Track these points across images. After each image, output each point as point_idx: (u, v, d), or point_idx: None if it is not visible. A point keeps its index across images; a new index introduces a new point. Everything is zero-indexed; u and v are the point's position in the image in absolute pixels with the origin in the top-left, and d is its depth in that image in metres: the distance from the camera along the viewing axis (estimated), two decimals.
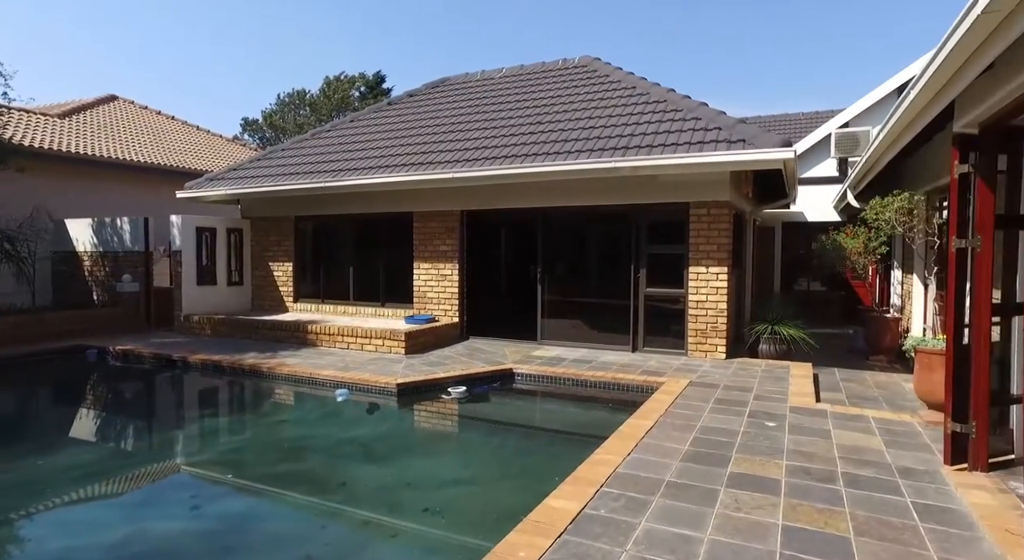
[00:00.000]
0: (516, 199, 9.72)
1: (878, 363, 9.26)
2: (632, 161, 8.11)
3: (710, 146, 7.87)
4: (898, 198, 5.96)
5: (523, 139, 9.66)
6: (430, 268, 10.56)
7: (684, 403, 6.18)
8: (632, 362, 8.39)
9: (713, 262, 8.50)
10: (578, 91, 11.12)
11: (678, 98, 9.57)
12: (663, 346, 9.00)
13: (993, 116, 4.12)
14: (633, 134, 8.77)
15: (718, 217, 8.47)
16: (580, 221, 9.90)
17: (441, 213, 10.41)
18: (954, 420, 4.33)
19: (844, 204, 11.65)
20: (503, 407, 7.47)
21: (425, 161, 9.91)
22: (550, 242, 9.95)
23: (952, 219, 4.33)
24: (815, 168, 14.66)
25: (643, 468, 4.35)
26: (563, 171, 8.53)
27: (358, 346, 9.30)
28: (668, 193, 8.69)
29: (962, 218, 4.30)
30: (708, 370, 7.84)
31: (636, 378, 7.36)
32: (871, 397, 6.91)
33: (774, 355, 8.61)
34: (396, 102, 13.45)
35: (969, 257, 4.30)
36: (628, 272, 9.14)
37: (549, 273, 9.88)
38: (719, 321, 8.51)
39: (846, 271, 12.84)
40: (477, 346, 9.72)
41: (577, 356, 8.86)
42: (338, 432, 6.36)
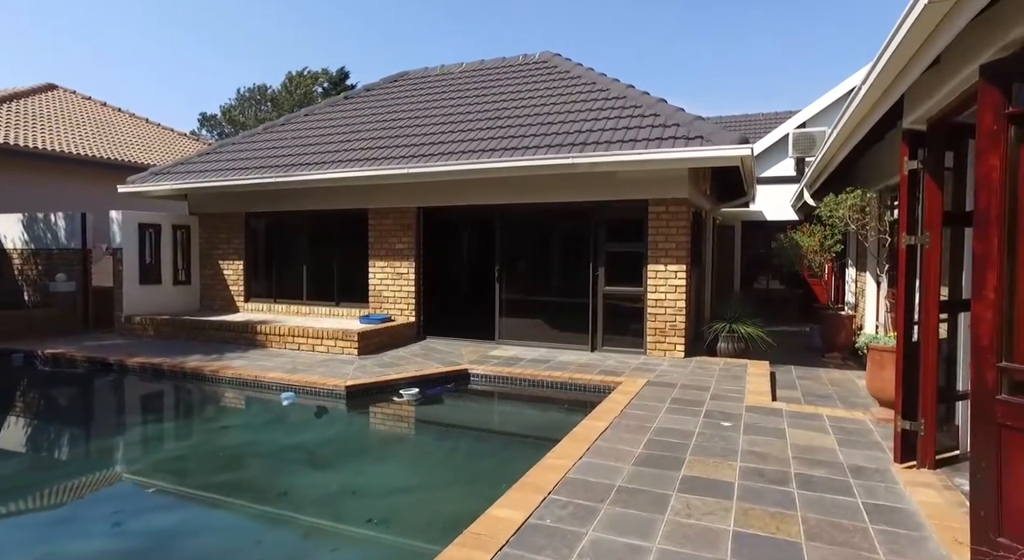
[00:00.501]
0: (474, 196, 9.52)
1: (833, 360, 9.36)
2: (590, 157, 7.99)
3: (668, 143, 7.81)
4: (851, 195, 5.97)
5: (480, 134, 9.47)
6: (386, 266, 10.29)
7: (640, 403, 6.07)
8: (590, 362, 8.28)
9: (672, 260, 8.45)
10: (537, 87, 10.97)
11: (637, 94, 9.50)
12: (622, 345, 8.92)
13: (940, 112, 4.10)
14: (592, 130, 8.66)
15: (677, 215, 8.41)
16: (539, 218, 9.75)
17: (397, 210, 10.15)
18: (904, 418, 4.31)
19: (801, 203, 11.78)
20: (457, 409, 7.27)
21: (380, 156, 9.63)
22: (509, 240, 9.78)
23: (902, 216, 4.29)
24: (774, 168, 14.84)
25: (594, 473, 4.20)
26: (520, 167, 8.36)
27: (309, 347, 8.97)
28: (627, 190, 8.61)
29: (911, 215, 4.27)
30: (666, 369, 7.77)
31: (593, 378, 7.24)
32: (826, 395, 6.93)
33: (732, 353, 8.61)
34: (353, 96, 13.10)
35: (918, 254, 4.27)
36: (587, 270, 9.03)
37: (508, 271, 9.72)
38: (678, 320, 8.46)
39: (803, 269, 13.03)
40: (433, 346, 9.49)
41: (535, 356, 8.71)
42: (283, 438, 6.07)
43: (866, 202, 5.90)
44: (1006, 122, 2.74)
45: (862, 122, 5.36)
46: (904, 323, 4.30)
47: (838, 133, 6.19)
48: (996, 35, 2.89)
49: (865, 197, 5.94)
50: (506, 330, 9.68)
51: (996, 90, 2.76)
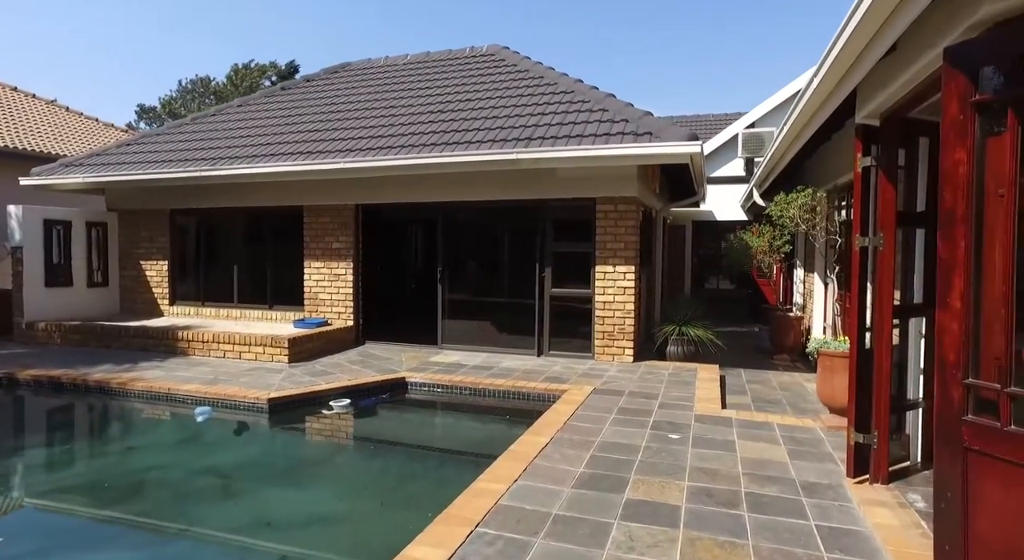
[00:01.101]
0: (415, 192, 9.02)
1: (782, 362, 9.25)
2: (534, 153, 7.61)
3: (616, 138, 7.49)
4: (802, 195, 5.76)
5: (422, 128, 8.97)
6: (322, 267, 9.68)
7: (585, 414, 5.71)
8: (536, 368, 7.90)
9: (620, 261, 8.15)
10: (483, 80, 10.54)
11: (585, 89, 9.18)
12: (569, 349, 8.58)
13: (894, 106, 3.85)
14: (537, 125, 8.28)
15: (625, 214, 8.12)
16: (484, 217, 9.33)
17: (334, 207, 9.56)
18: (857, 430, 4.06)
19: (751, 203, 11.70)
20: (391, 422, 6.77)
21: (315, 150, 9.02)
22: (452, 239, 9.32)
23: (855, 216, 4.04)
24: (724, 168, 14.80)
25: (530, 498, 3.80)
26: (461, 163, 7.92)
27: (236, 355, 8.31)
28: (574, 188, 8.26)
29: (865, 215, 4.02)
30: (614, 375, 7.46)
31: (537, 386, 6.86)
32: (775, 400, 6.73)
33: (682, 357, 8.37)
34: (290, 87, 12.39)
35: (871, 256, 4.03)
36: (533, 272, 8.66)
37: (451, 273, 9.25)
38: (626, 323, 8.17)
39: (752, 270, 13.00)
40: (372, 352, 8.95)
41: (478, 361, 8.28)
42: (193, 460, 5.46)
43: (817, 201, 5.70)
44: (973, 111, 2.46)
45: (813, 117, 5.13)
46: (857, 329, 4.05)
47: (788, 129, 5.97)
48: (962, 14, 2.61)
49: (816, 196, 5.75)
50: (449, 334, 9.22)
51: (962, 76, 2.48)
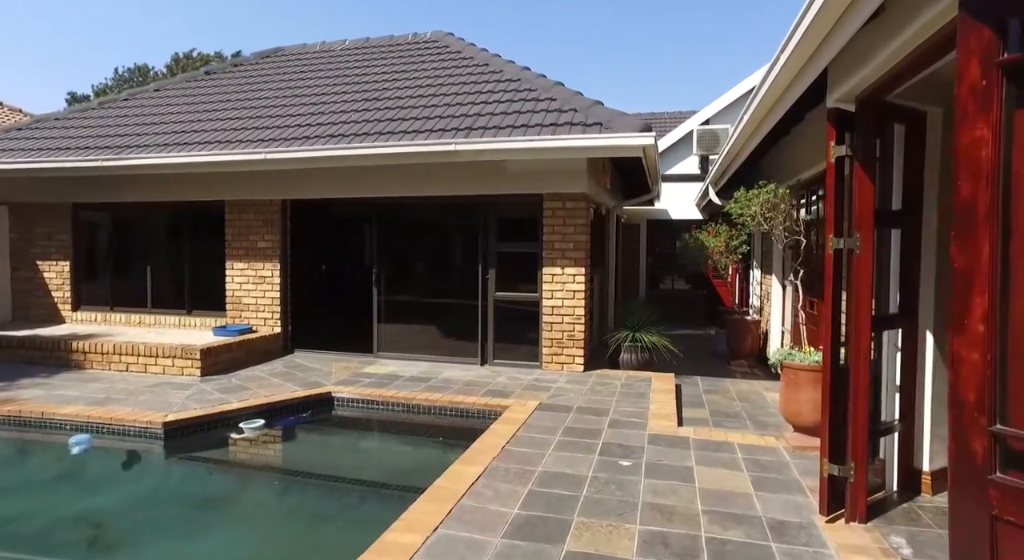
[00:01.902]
0: (348, 187, 8.22)
1: (739, 368, 8.82)
2: (475, 144, 6.92)
3: (563, 129, 6.88)
4: (764, 191, 5.26)
5: (354, 117, 8.18)
6: (246, 268, 8.78)
7: (527, 436, 5.07)
8: (478, 379, 7.23)
9: (569, 262, 7.54)
10: (425, 67, 9.80)
11: (532, 77, 8.55)
12: (516, 358, 7.93)
13: (872, 87, 3.32)
14: (479, 114, 7.60)
15: (575, 211, 7.51)
16: (423, 214, 8.60)
17: (259, 202, 8.67)
18: (831, 461, 3.52)
19: (706, 201, 11.29)
20: (311, 447, 5.98)
21: (237, 139, 8.12)
22: (388, 239, 8.56)
23: (828, 214, 3.50)
24: (679, 165, 14.42)
25: (450, 554, 3.12)
26: (394, 154, 7.17)
27: (141, 368, 7.36)
28: (519, 183, 7.62)
29: (839, 213, 3.48)
30: (563, 387, 6.85)
31: (477, 401, 6.19)
32: (734, 413, 6.23)
33: (636, 365, 7.82)
34: (216, 72, 11.36)
35: (845, 260, 3.49)
36: (476, 274, 7.97)
37: (387, 276, 8.49)
38: (576, 329, 7.57)
39: (708, 270, 12.63)
40: (300, 362, 8.12)
41: (417, 372, 7.56)
42: (58, 505, 4.57)
43: (780, 198, 5.21)
44: (999, 74, 1.89)
45: (776, 104, 4.61)
46: (831, 344, 3.51)
47: (747, 121, 5.46)
48: None
49: (779, 193, 5.26)
50: (386, 342, 8.46)
51: (986, 29, 1.91)
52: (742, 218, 5.44)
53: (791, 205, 5.30)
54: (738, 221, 5.59)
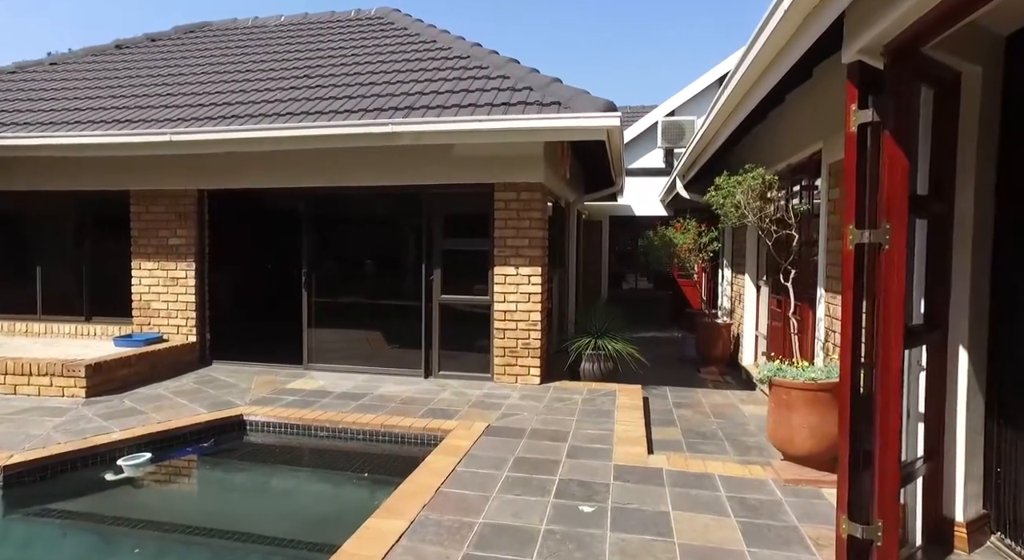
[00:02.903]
0: (275, 176, 7.19)
1: (710, 376, 8.12)
2: (415, 125, 6.00)
3: (517, 109, 6.01)
4: (750, 175, 4.48)
5: (280, 95, 7.15)
6: (156, 269, 7.64)
7: (469, 473, 4.17)
8: (419, 395, 6.30)
9: (524, 261, 6.68)
10: (366, 44, 8.80)
11: (484, 54, 7.66)
12: (464, 368, 7.03)
13: (910, 31, 2.53)
14: (423, 93, 6.67)
15: (530, 204, 6.65)
16: (360, 207, 7.63)
17: (171, 193, 7.54)
18: (851, 518, 2.72)
19: (673, 195, 10.60)
20: (206, 489, 4.93)
21: (141, 118, 6.99)
22: (322, 235, 7.55)
23: (848, 199, 2.70)
24: (642, 159, 13.74)
25: None
26: (323, 136, 6.19)
27: (8, 389, 6.17)
28: (467, 171, 6.72)
29: (861, 198, 2.69)
30: (516, 404, 5.97)
31: (414, 424, 5.26)
32: (710, 433, 5.48)
33: (599, 376, 7.01)
34: (129, 46, 10.09)
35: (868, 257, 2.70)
36: (419, 275, 7.03)
37: (320, 276, 7.47)
38: (532, 337, 6.71)
39: (673, 269, 11.95)
40: (217, 376, 7.04)
41: (350, 387, 6.59)
42: None
43: (769, 184, 4.44)
44: None
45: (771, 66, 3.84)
46: (851, 365, 2.72)
47: (730, 94, 4.70)
48: None
49: (768, 179, 4.49)
50: (318, 352, 7.44)
51: None
52: (723, 209, 4.65)
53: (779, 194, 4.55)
54: (719, 211, 4.80)
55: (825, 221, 4.75)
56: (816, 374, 3.98)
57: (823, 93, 4.90)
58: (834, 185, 4.63)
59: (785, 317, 6.83)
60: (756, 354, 7.88)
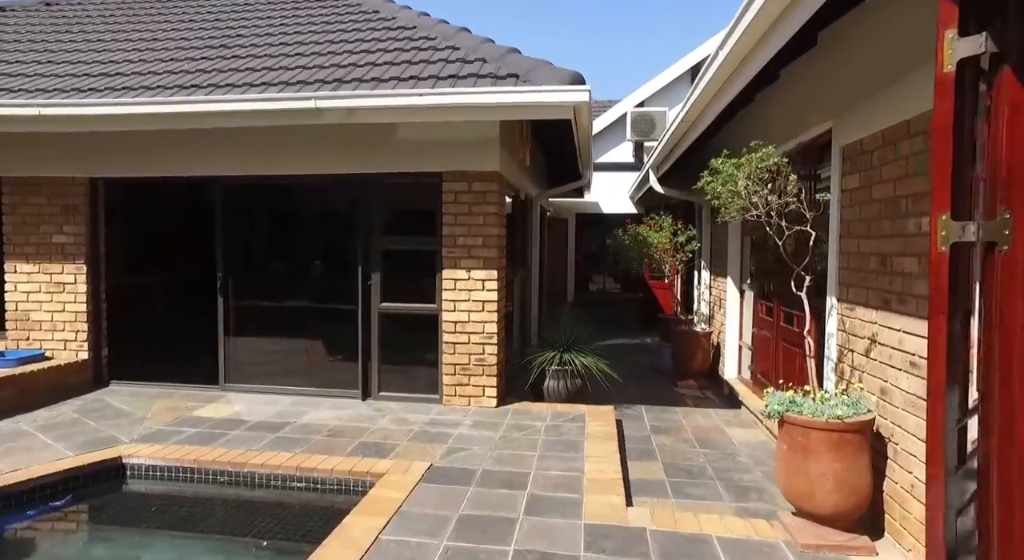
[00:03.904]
0: (184, 163, 6.05)
1: (689, 391, 7.28)
2: (344, 100, 4.96)
3: (467, 82, 5.04)
4: (758, 154, 3.56)
5: (188, 66, 6.02)
6: (36, 272, 6.40)
7: (395, 544, 3.16)
8: (352, 423, 5.26)
9: (477, 263, 5.69)
10: (298, 13, 7.69)
11: (431, 23, 6.66)
12: (409, 388, 6.01)
13: None
14: (357, 64, 5.65)
15: (484, 196, 5.67)
16: (285, 201, 6.54)
17: (54, 181, 6.31)
18: None
19: (644, 190, 9.77)
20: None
21: (6, 87, 5.75)
22: (241, 232, 6.43)
23: (938, 176, 1.80)
24: (611, 153, 12.91)
25: None
26: (233, 112, 5.10)
27: None
28: (411, 158, 5.71)
29: (960, 174, 1.78)
30: (466, 435, 4.98)
31: (339, 466, 4.22)
32: (697, 468, 4.60)
33: (565, 395, 6.06)
34: (13, 8, 8.69)
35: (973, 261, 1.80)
36: (356, 279, 5.98)
37: (238, 281, 6.34)
38: (487, 352, 5.73)
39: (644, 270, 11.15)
40: (109, 402, 5.87)
41: (271, 413, 5.50)
42: None
43: (778, 166, 3.53)
44: None
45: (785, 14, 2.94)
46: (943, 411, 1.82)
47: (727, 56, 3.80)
48: None
49: (777, 160, 3.58)
50: (237, 369, 6.32)
51: None
52: (720, 200, 3.74)
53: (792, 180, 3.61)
54: (715, 203, 3.88)
55: (838, 216, 3.90)
56: (843, 411, 3.11)
57: (833, 62, 4.05)
58: (851, 170, 3.78)
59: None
60: (740, 366, 7.06)
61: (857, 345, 3.65)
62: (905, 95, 3.09)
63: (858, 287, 3.65)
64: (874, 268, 3.43)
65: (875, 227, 3.41)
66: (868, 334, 3.46)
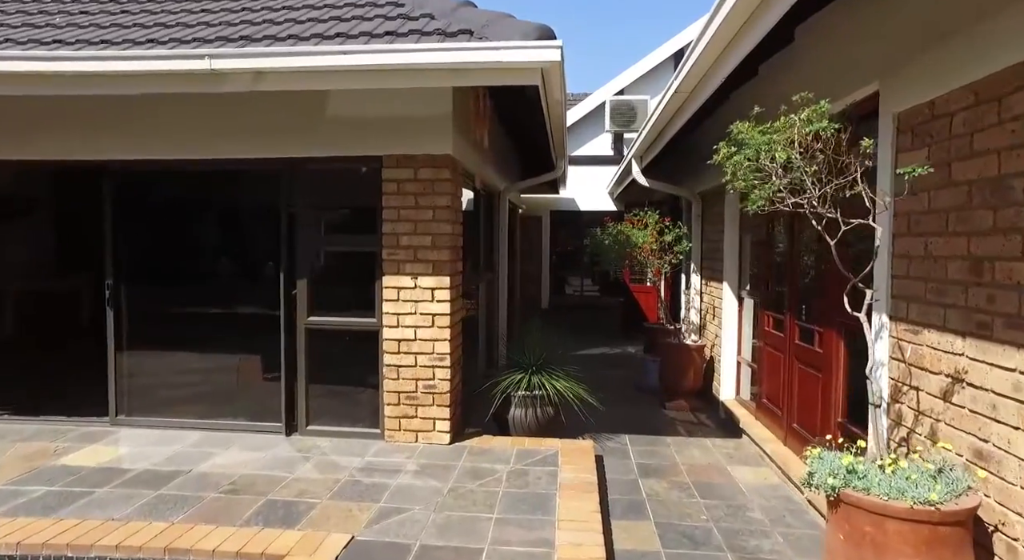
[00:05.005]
0: (56, 143, 4.87)
1: (679, 413, 6.31)
2: (248, 60, 3.85)
3: (409, 39, 3.96)
4: (814, 108, 2.50)
5: (61, 20, 4.83)
6: None
7: None
8: (265, 470, 4.15)
9: (425, 268, 4.61)
10: None
11: None
12: (345, 420, 4.91)
13: None
14: (273, 21, 4.55)
15: (433, 185, 4.59)
16: (188, 192, 5.37)
17: None
18: None
19: (626, 184, 8.79)
20: None
21: None
22: (133, 230, 5.22)
23: None
24: (588, 145, 11.93)
25: None
26: (106, 74, 3.96)
27: None
28: (343, 139, 4.62)
29: None
30: (407, 487, 3.90)
31: (223, 545, 3.11)
32: (701, 533, 3.60)
33: (534, 427, 5.01)
34: None
35: None
36: (279, 287, 4.86)
37: (132, 289, 5.16)
38: (438, 376, 4.65)
39: (624, 272, 10.21)
40: None
41: (164, 457, 4.37)
42: None
43: (827, 123, 2.47)
44: None
45: None
46: None
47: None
48: None
49: (826, 115, 2.51)
50: (134, 398, 5.14)
51: None
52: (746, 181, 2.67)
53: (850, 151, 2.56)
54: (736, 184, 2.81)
55: (891, 207, 2.90)
56: (933, 490, 2.10)
57: (881, 5, 3.07)
58: (911, 145, 2.79)
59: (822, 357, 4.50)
60: (738, 386, 6.09)
61: (927, 383, 2.65)
62: (1014, 27, 2.10)
63: (927, 303, 2.66)
64: (958, 277, 2.44)
65: (960, 220, 2.43)
66: (949, 370, 2.48)
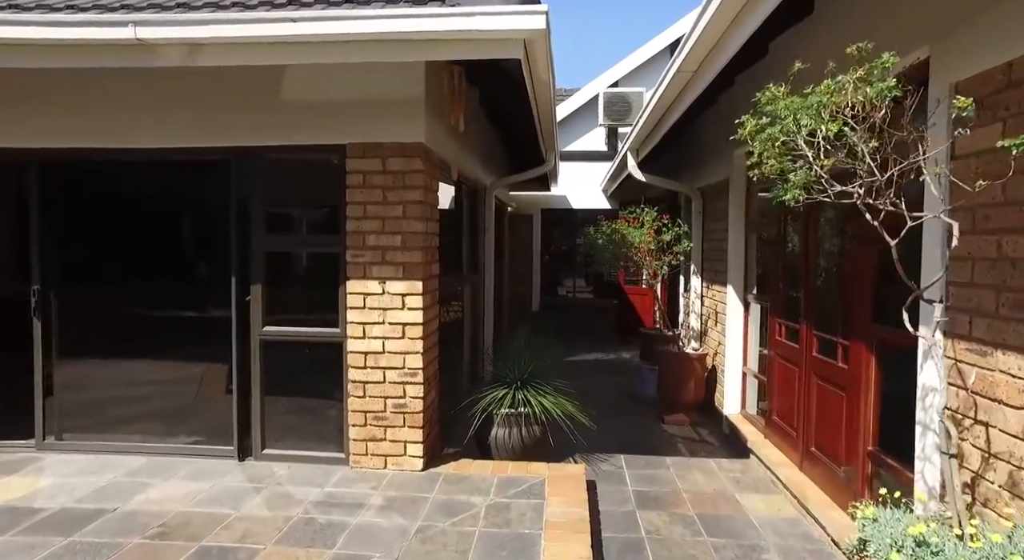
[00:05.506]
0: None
1: (679, 429, 5.80)
2: (181, 28, 3.29)
3: (372, 7, 3.40)
4: (880, 63, 1.95)
5: None
6: None
7: None
8: (205, 507, 3.57)
9: (395, 272, 4.06)
10: None
11: None
12: (306, 443, 4.35)
13: None
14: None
15: (404, 177, 4.04)
16: (128, 185, 4.79)
17: None
18: None
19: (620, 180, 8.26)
20: None
21: None
22: (65, 231, 4.63)
23: None
24: (580, 140, 11.40)
25: None
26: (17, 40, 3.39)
27: None
28: (302, 125, 4.06)
29: None
30: (368, 526, 3.34)
31: None
32: None
33: (519, 450, 4.46)
34: None
35: None
36: (227, 293, 4.29)
37: (63, 297, 4.56)
38: (409, 394, 4.09)
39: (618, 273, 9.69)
40: None
41: (92, 490, 3.80)
42: None
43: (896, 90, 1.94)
44: None
45: None
46: None
47: None
48: None
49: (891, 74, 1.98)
50: (64, 419, 4.56)
51: None
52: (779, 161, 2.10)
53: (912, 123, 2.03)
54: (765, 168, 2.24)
55: (947, 194, 2.36)
56: None
57: None
58: (977, 121, 2.26)
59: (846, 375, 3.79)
60: (744, 399, 5.57)
61: (1002, 418, 2.12)
62: None
63: (999, 318, 2.13)
64: None
65: None
66: None
